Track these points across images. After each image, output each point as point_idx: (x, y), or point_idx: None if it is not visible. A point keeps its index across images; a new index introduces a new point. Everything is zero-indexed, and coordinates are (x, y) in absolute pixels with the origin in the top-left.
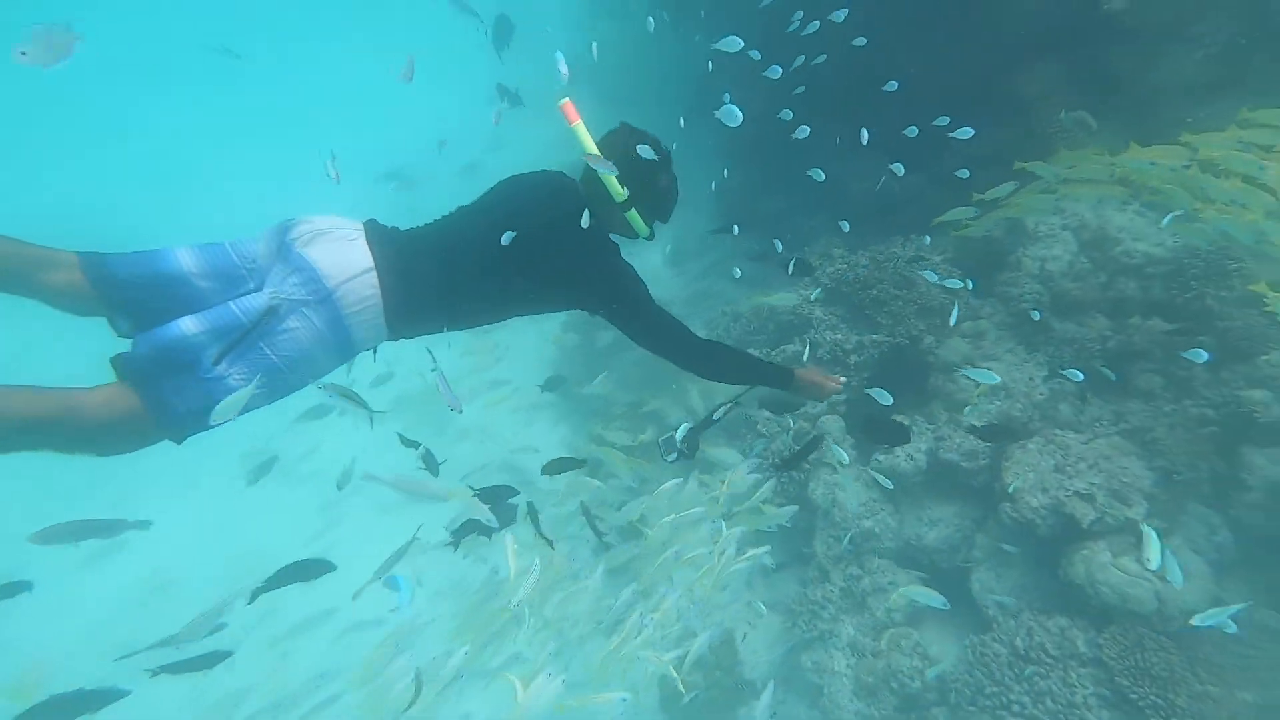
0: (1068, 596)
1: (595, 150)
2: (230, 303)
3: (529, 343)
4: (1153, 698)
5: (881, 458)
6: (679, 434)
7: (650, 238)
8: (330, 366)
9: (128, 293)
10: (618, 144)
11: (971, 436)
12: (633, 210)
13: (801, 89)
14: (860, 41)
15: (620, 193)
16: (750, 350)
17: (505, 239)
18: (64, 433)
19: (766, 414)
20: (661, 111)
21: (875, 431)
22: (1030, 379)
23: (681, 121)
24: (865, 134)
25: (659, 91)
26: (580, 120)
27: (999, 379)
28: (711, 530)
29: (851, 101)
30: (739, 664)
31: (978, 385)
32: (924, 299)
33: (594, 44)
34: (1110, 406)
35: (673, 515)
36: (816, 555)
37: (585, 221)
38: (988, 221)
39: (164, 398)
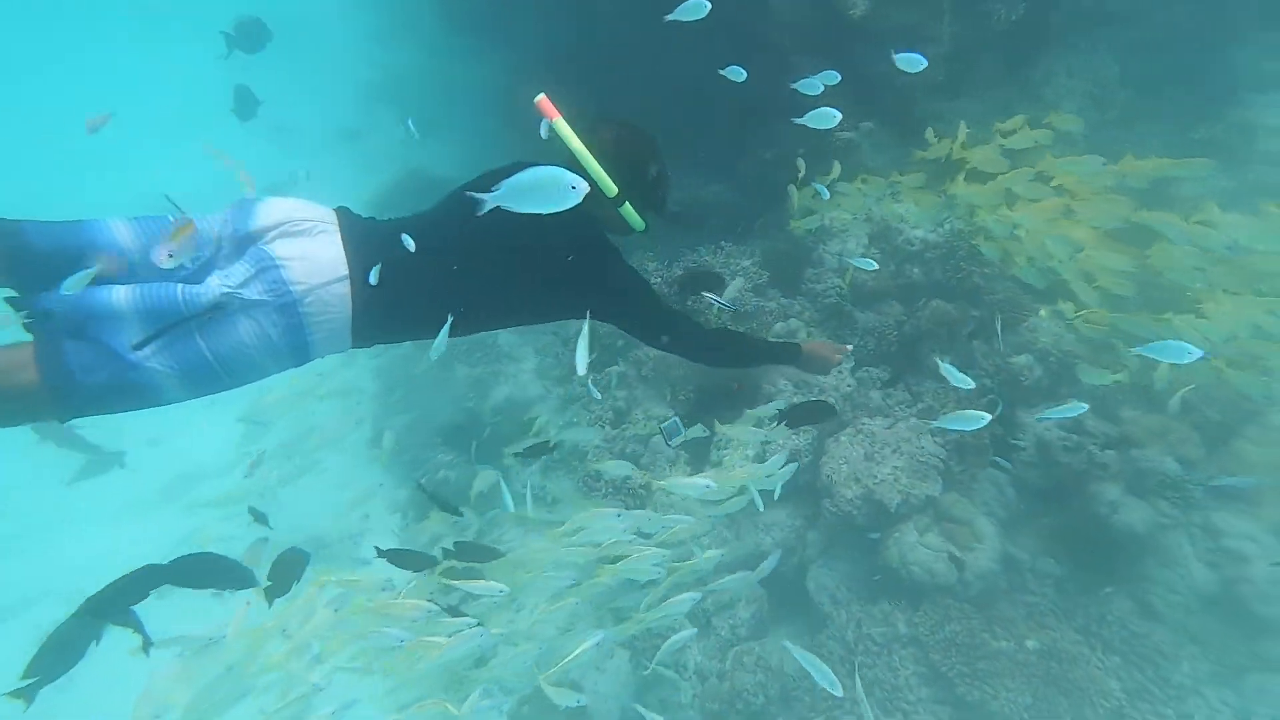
0: (887, 581)
1: (581, 147)
2: (176, 284)
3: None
4: (959, 667)
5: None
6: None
7: (646, 230)
8: (274, 371)
9: (49, 265)
10: (598, 138)
11: (793, 436)
12: (626, 205)
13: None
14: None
15: (611, 188)
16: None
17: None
18: None
19: None
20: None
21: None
22: (838, 371)
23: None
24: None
25: (467, 115)
26: (560, 115)
27: None
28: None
29: (646, 116)
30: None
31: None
32: (741, 305)
33: (410, 121)
34: (911, 389)
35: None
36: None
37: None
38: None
39: (66, 365)
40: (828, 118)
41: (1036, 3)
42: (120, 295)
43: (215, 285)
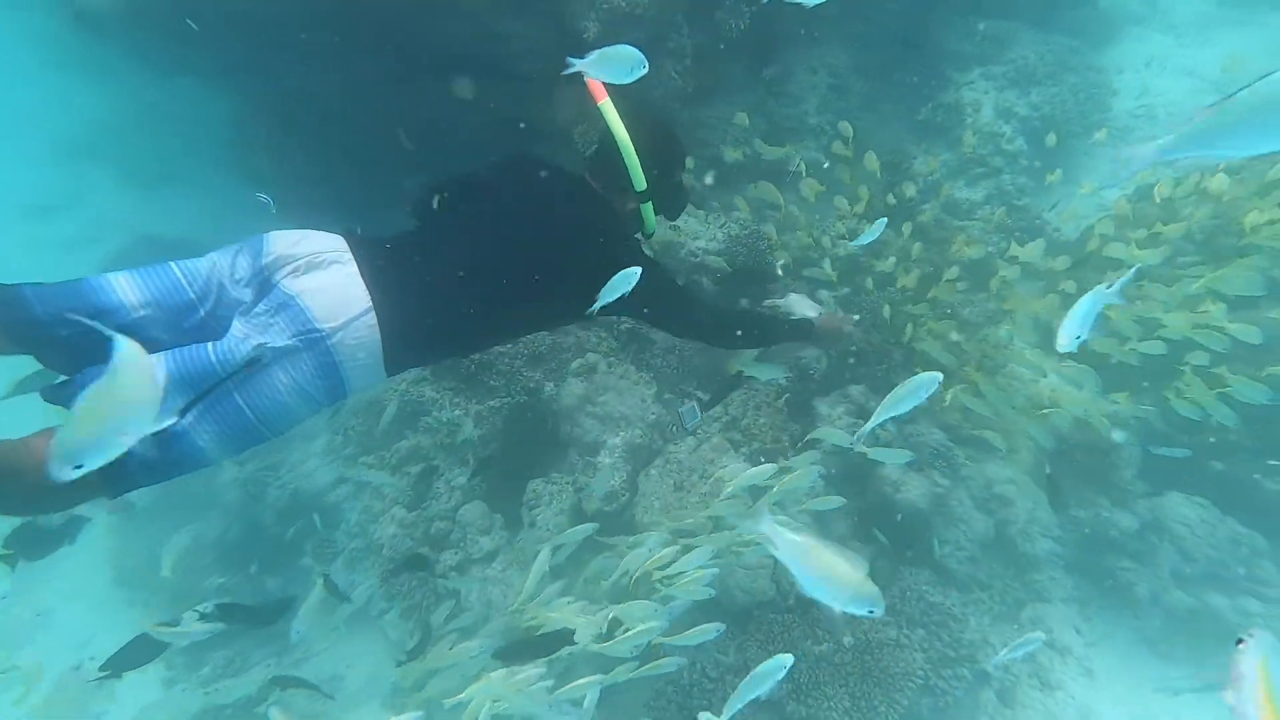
0: (713, 610)
1: (624, 133)
2: (206, 346)
3: None
4: (785, 684)
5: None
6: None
7: (651, 237)
8: (311, 416)
9: (54, 331)
10: (642, 128)
11: (611, 478)
12: (649, 202)
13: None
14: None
15: (641, 182)
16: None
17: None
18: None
19: None
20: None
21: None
22: (642, 400)
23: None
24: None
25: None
26: (607, 97)
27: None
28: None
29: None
30: None
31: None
32: (532, 346)
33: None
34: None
35: None
36: None
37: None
38: None
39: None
40: None
41: (761, 10)
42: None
43: (242, 336)
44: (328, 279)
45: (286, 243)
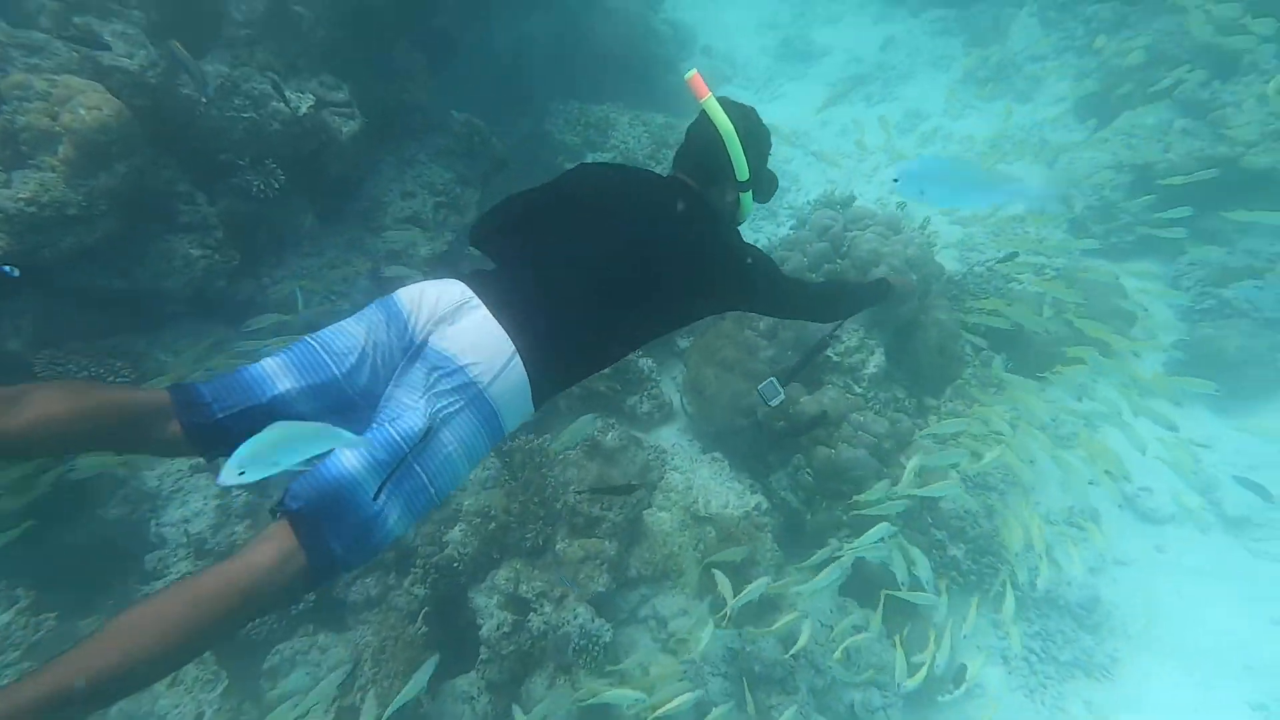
0: None
1: (730, 127)
2: (385, 426)
3: None
4: None
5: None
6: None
7: (743, 224)
8: (470, 472)
9: (228, 429)
10: (736, 119)
11: None
12: (749, 191)
13: None
14: None
15: (745, 171)
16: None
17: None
18: (244, 617)
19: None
20: None
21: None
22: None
23: None
24: None
25: None
26: (711, 93)
27: None
28: None
29: None
30: None
31: None
32: None
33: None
34: None
35: None
36: None
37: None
38: None
39: (327, 545)
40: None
41: (303, 166)
42: (352, 462)
43: (411, 405)
44: (470, 330)
45: (418, 301)
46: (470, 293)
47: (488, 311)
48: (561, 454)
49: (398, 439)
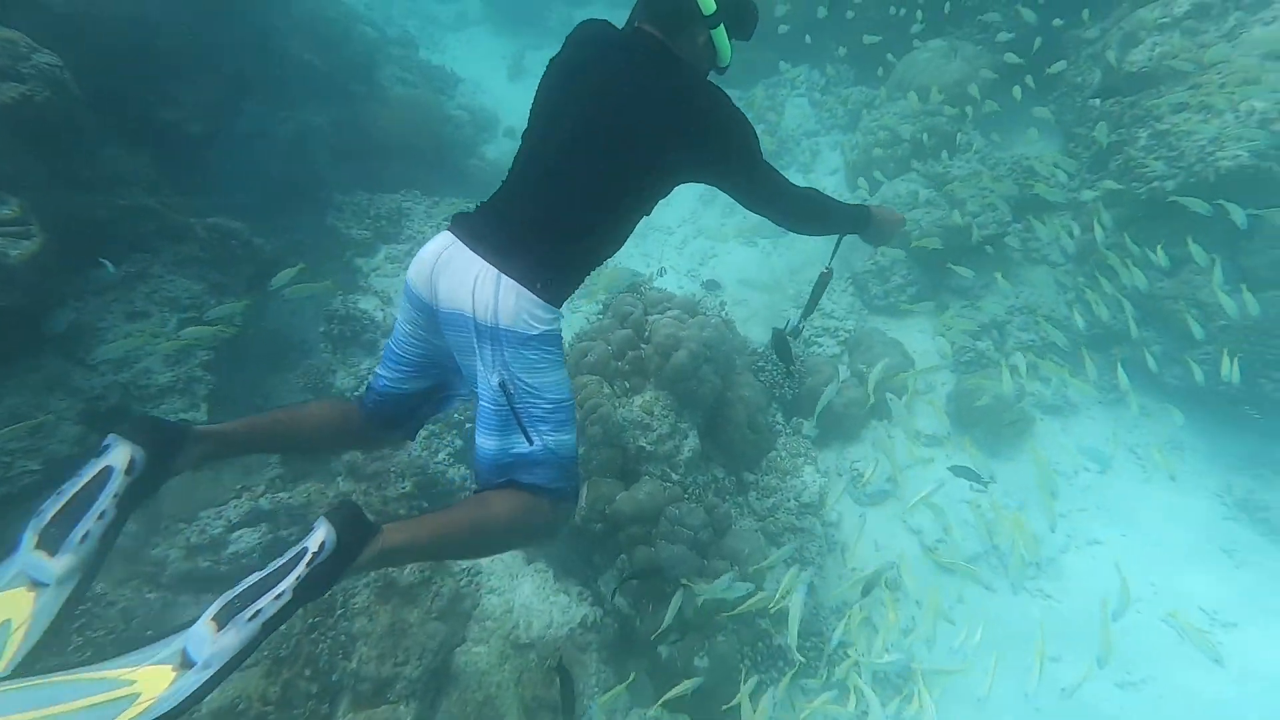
0: None
1: None
2: (480, 399)
3: None
4: None
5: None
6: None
7: (727, 69)
8: (563, 370)
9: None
10: None
11: None
12: (720, 27)
13: None
14: None
15: (710, 3)
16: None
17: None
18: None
19: None
20: None
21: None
22: None
23: None
24: None
25: None
26: None
27: None
28: None
29: None
30: None
31: None
32: None
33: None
34: None
35: None
36: None
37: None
38: None
39: (544, 486)
40: None
41: None
42: (482, 441)
43: (478, 370)
44: (455, 276)
45: (418, 270)
46: (450, 237)
47: (463, 246)
48: (344, 603)
49: (491, 407)
